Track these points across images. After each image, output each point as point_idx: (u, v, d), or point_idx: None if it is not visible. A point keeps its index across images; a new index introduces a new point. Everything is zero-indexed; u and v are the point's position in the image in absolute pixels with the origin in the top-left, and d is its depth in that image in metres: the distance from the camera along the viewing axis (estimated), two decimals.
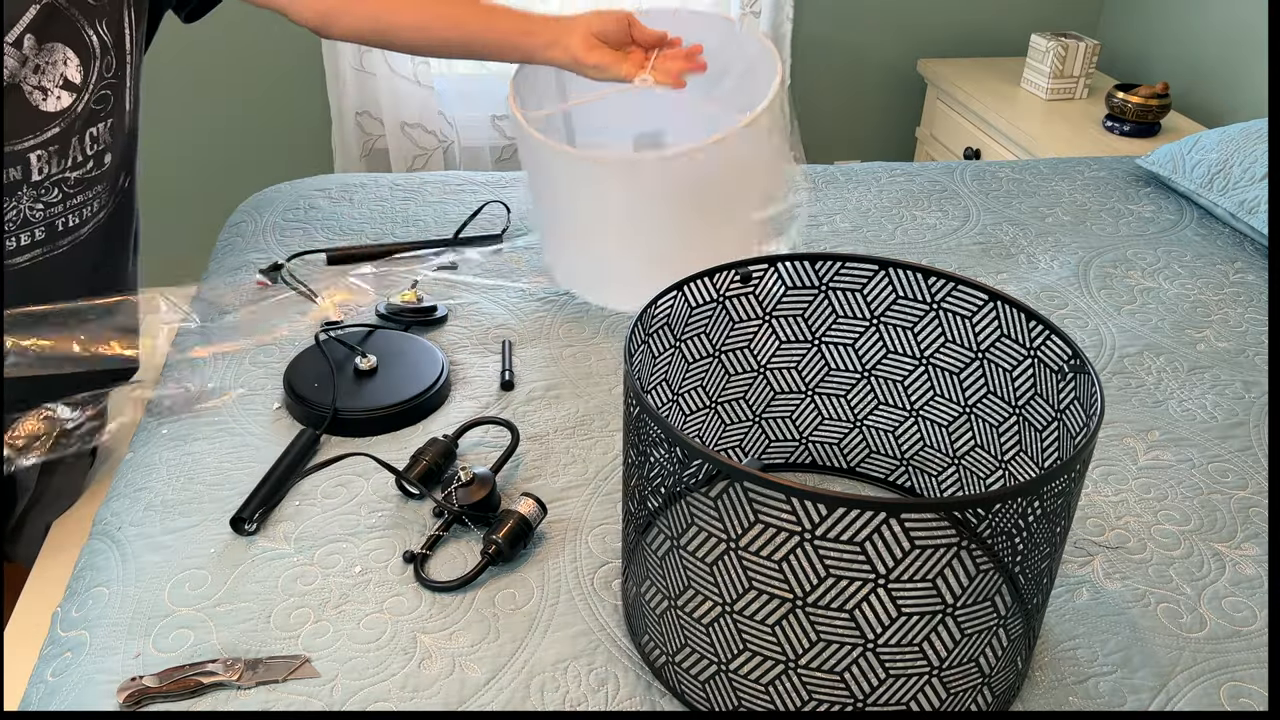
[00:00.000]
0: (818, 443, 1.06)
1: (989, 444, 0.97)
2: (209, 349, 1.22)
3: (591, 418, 1.14)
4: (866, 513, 0.65)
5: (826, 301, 0.98)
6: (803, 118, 2.65)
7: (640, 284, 1.28)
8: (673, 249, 1.26)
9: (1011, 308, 0.89)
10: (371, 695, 0.82)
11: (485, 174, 1.68)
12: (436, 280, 1.39)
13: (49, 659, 0.87)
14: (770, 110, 1.22)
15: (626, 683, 0.84)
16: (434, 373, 1.16)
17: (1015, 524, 0.72)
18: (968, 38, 2.63)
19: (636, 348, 0.86)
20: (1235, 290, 1.45)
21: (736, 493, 0.68)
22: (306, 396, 1.11)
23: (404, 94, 2.31)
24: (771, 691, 0.76)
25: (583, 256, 1.31)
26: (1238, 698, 0.85)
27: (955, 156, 2.49)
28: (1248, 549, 1.00)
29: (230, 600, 0.90)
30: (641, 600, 0.83)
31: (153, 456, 1.06)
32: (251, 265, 1.41)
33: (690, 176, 1.21)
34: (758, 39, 1.35)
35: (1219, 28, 2.24)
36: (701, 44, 1.29)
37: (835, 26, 2.56)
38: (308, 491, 1.02)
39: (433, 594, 0.91)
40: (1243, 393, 1.23)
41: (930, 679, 0.75)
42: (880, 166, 1.78)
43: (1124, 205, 1.69)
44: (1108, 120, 2.21)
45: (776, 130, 1.25)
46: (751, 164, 1.24)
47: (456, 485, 0.97)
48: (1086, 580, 0.96)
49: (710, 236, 1.26)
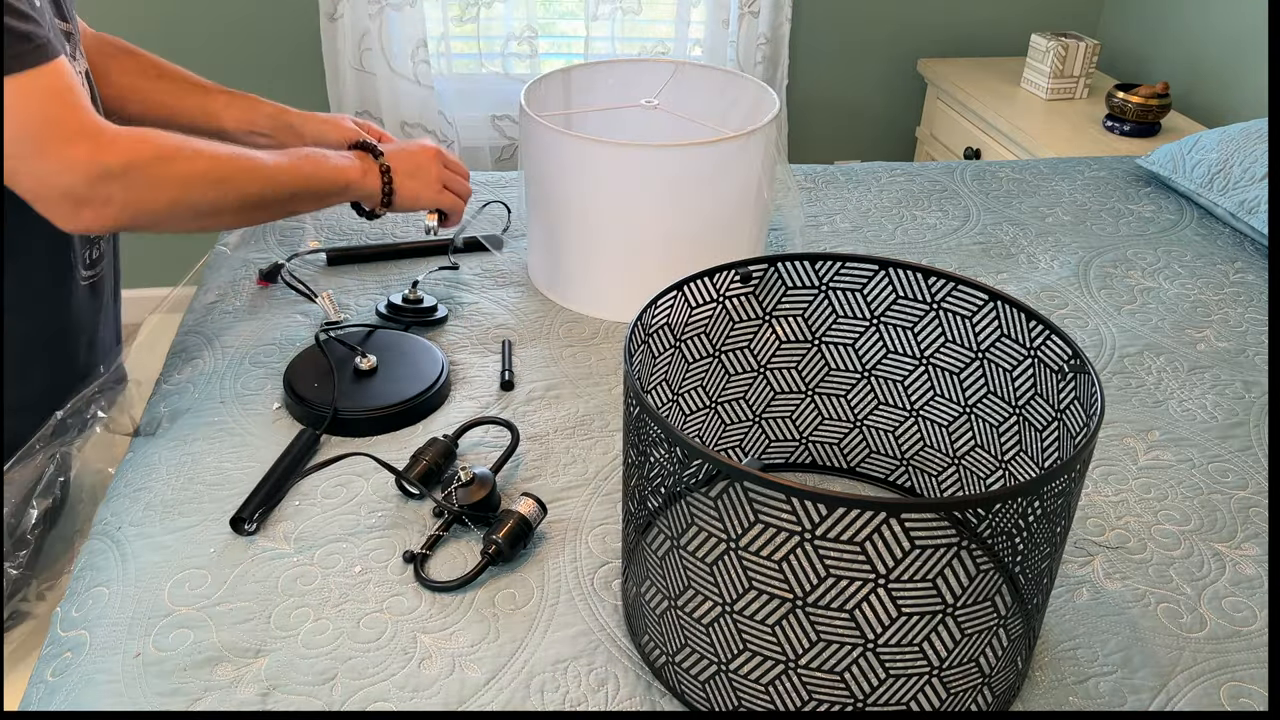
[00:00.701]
0: (818, 443, 1.06)
1: (989, 444, 0.97)
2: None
3: (591, 418, 1.14)
4: (866, 513, 0.65)
5: (826, 301, 0.98)
6: (803, 118, 2.66)
7: (627, 291, 1.30)
8: (663, 252, 1.27)
9: (1011, 308, 0.89)
10: (371, 695, 0.82)
11: (485, 174, 1.68)
12: (436, 280, 1.39)
13: (49, 659, 0.87)
14: (765, 131, 1.24)
15: (626, 683, 0.84)
16: (434, 373, 1.16)
17: (1015, 524, 0.72)
18: (968, 38, 2.63)
19: (636, 348, 0.86)
20: (1235, 290, 1.45)
21: (736, 493, 0.68)
22: (306, 396, 1.11)
23: (404, 94, 2.31)
24: (771, 691, 0.76)
25: (571, 261, 1.31)
26: (1238, 698, 0.85)
27: (955, 156, 2.49)
28: (1248, 549, 1.00)
29: (230, 600, 0.90)
30: (641, 600, 0.83)
31: (153, 456, 1.06)
32: (251, 265, 1.41)
33: (682, 174, 1.22)
34: (755, 82, 1.41)
35: (1219, 28, 2.24)
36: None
37: (835, 26, 2.56)
38: (308, 491, 1.02)
39: (433, 594, 0.91)
40: (1243, 393, 1.23)
41: (930, 679, 0.75)
42: (880, 166, 1.78)
43: (1124, 205, 1.69)
44: (1108, 120, 2.21)
45: (768, 157, 1.27)
46: (744, 179, 1.25)
47: (456, 485, 0.97)
48: (1086, 580, 0.96)
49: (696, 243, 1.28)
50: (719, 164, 1.23)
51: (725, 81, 1.44)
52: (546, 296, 1.36)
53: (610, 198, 1.24)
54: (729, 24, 2.41)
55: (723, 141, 1.21)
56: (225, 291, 1.36)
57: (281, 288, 1.36)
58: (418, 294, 1.29)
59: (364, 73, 2.29)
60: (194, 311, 1.33)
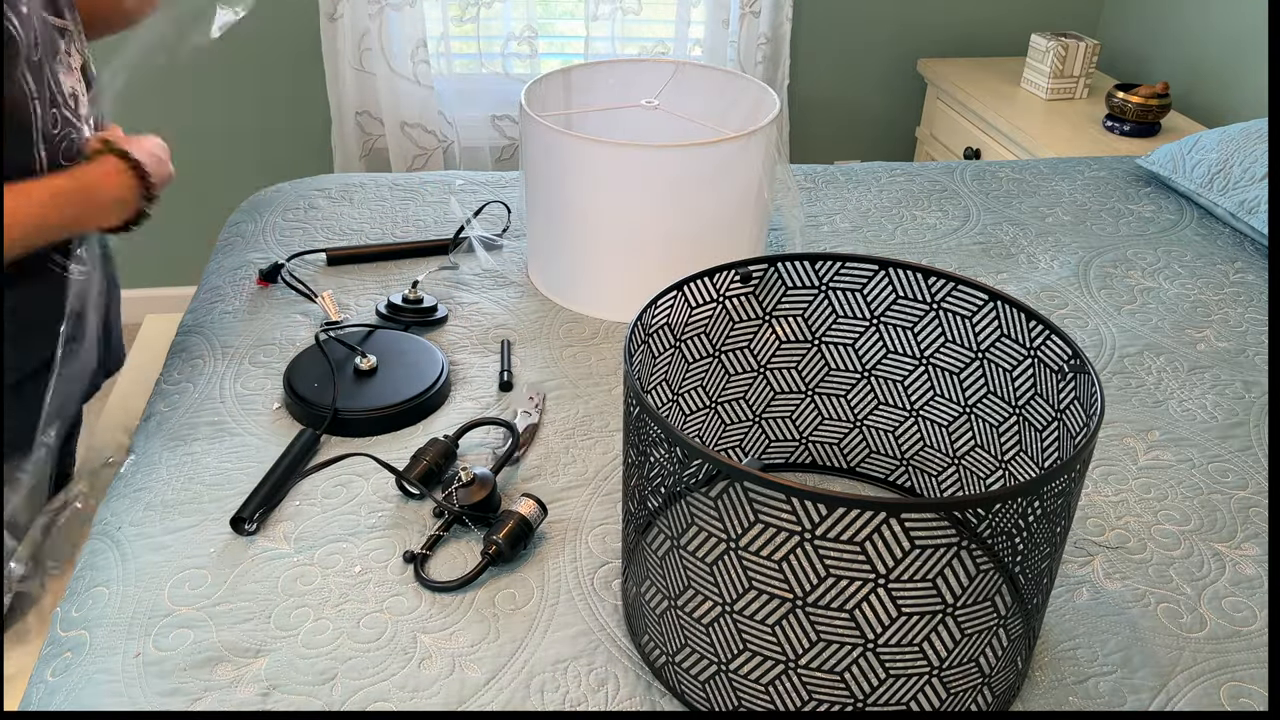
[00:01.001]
0: (818, 443, 1.06)
1: (989, 444, 0.97)
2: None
3: (591, 418, 1.14)
4: (866, 513, 0.65)
5: (826, 301, 0.98)
6: (803, 118, 2.65)
7: (627, 291, 1.30)
8: (663, 252, 1.27)
9: (1011, 308, 0.89)
10: (371, 695, 0.82)
11: (485, 174, 1.68)
12: (436, 280, 1.39)
13: (49, 659, 0.87)
14: (765, 132, 1.24)
15: (626, 683, 0.84)
16: (434, 373, 1.16)
17: (1015, 524, 0.72)
18: (968, 38, 2.63)
19: (636, 348, 0.86)
20: (1235, 290, 1.45)
21: (736, 493, 0.68)
22: (306, 396, 1.11)
23: (404, 94, 2.31)
24: (771, 691, 0.76)
25: (571, 262, 1.31)
26: (1238, 698, 0.85)
27: (955, 156, 2.49)
28: (1248, 549, 1.00)
29: (230, 600, 0.90)
30: (641, 600, 0.83)
31: (153, 456, 1.06)
32: (251, 265, 1.41)
33: (682, 174, 1.22)
34: (756, 82, 1.41)
35: (1219, 28, 2.24)
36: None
37: (835, 26, 2.56)
38: (308, 491, 1.02)
39: (433, 594, 0.91)
40: (1243, 393, 1.23)
41: (930, 679, 0.75)
42: (880, 166, 1.78)
43: (1124, 205, 1.69)
44: (1108, 120, 2.21)
45: (769, 158, 1.27)
46: (744, 179, 1.26)
47: (457, 485, 0.97)
48: (1086, 580, 0.96)
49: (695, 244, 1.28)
50: (719, 164, 1.23)
51: (725, 81, 1.44)
52: (546, 296, 1.36)
53: (610, 198, 1.24)
54: (729, 24, 2.40)
55: (723, 142, 1.21)
56: (225, 291, 1.36)
57: (281, 288, 1.36)
58: (418, 294, 1.29)
59: (364, 73, 2.28)
60: (194, 311, 1.33)
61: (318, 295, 1.31)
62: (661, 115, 1.47)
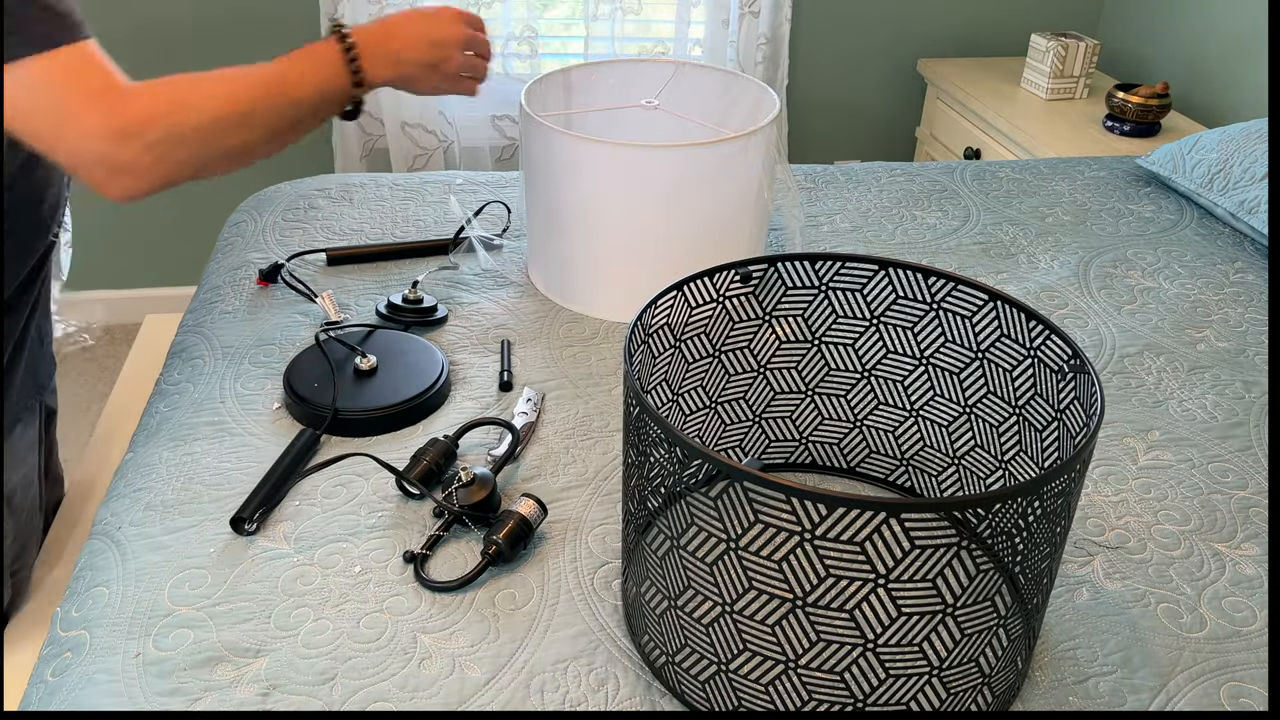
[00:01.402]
0: (818, 443, 1.06)
1: (989, 444, 0.97)
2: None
3: (591, 418, 1.14)
4: (866, 513, 0.65)
5: (826, 301, 0.98)
6: (802, 118, 2.66)
7: (627, 291, 1.30)
8: (663, 252, 1.27)
9: (1011, 308, 0.89)
10: (371, 695, 0.82)
11: (485, 174, 1.68)
12: (436, 280, 1.39)
13: (49, 659, 0.87)
14: (765, 132, 1.24)
15: (626, 683, 0.84)
16: (434, 373, 1.16)
17: (1015, 524, 0.72)
18: (968, 38, 2.63)
19: (636, 348, 0.86)
20: (1235, 290, 1.45)
21: (736, 493, 0.68)
22: (306, 396, 1.11)
23: (404, 94, 2.31)
24: (771, 691, 0.76)
25: (571, 262, 1.31)
26: (1238, 698, 0.85)
27: (955, 156, 2.49)
28: (1248, 549, 1.00)
29: (230, 600, 0.90)
30: (641, 600, 0.83)
31: (153, 456, 1.06)
32: (251, 265, 1.41)
33: (682, 175, 1.22)
34: (756, 82, 1.41)
35: (1219, 28, 2.24)
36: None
37: (835, 27, 2.56)
38: (308, 491, 1.02)
39: (433, 594, 0.91)
40: (1243, 393, 1.23)
41: (930, 679, 0.75)
42: (880, 166, 1.78)
43: (1124, 205, 1.69)
44: (1108, 120, 2.21)
45: (769, 158, 1.27)
46: (744, 179, 1.26)
47: (457, 485, 0.97)
48: (1086, 580, 0.96)
49: (694, 244, 1.28)
50: (719, 164, 1.23)
51: (725, 82, 1.44)
52: (546, 296, 1.36)
53: (610, 198, 1.24)
54: (729, 24, 2.40)
55: (723, 142, 1.21)
56: (225, 291, 1.36)
57: (281, 288, 1.36)
58: (418, 294, 1.29)
59: None
60: (194, 311, 1.33)
61: (318, 295, 1.31)
62: (661, 115, 1.47)
